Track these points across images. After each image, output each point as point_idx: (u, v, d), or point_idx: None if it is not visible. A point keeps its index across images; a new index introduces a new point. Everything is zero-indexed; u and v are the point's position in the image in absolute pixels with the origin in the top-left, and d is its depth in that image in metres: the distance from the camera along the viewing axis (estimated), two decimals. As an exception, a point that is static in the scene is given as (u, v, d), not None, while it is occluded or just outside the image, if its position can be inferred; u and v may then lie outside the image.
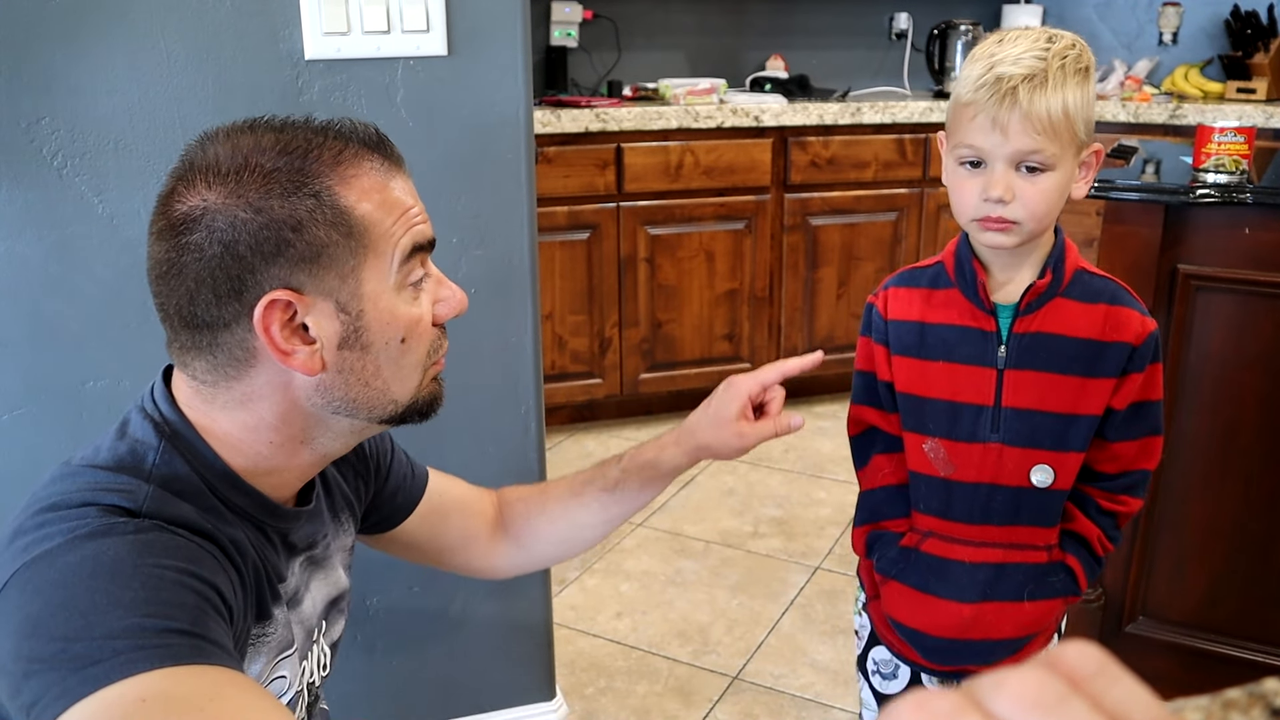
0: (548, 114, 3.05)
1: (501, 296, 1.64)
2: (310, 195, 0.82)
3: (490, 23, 1.53)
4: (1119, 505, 1.27)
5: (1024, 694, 0.26)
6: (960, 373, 1.23)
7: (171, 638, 0.70)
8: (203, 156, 0.84)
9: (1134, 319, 1.20)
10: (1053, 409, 1.20)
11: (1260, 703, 0.30)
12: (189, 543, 0.78)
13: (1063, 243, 1.21)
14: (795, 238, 3.42)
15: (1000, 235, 1.15)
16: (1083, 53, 1.14)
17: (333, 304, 0.84)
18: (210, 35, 1.41)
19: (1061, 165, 1.12)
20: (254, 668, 0.88)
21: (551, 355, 3.26)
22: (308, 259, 0.82)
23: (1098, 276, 1.23)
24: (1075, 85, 1.11)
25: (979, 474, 1.23)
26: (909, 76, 4.00)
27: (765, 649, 2.24)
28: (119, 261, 1.44)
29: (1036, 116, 1.09)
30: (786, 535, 2.73)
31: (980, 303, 1.21)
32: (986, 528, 1.25)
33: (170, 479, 0.83)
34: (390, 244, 0.85)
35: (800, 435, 3.38)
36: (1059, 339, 1.19)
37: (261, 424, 0.87)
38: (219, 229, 0.81)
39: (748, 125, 3.25)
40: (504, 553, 1.25)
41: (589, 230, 3.20)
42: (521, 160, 1.60)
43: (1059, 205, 1.15)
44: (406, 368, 0.89)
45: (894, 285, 1.29)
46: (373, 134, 0.88)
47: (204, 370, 0.86)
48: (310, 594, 0.99)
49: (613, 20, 3.64)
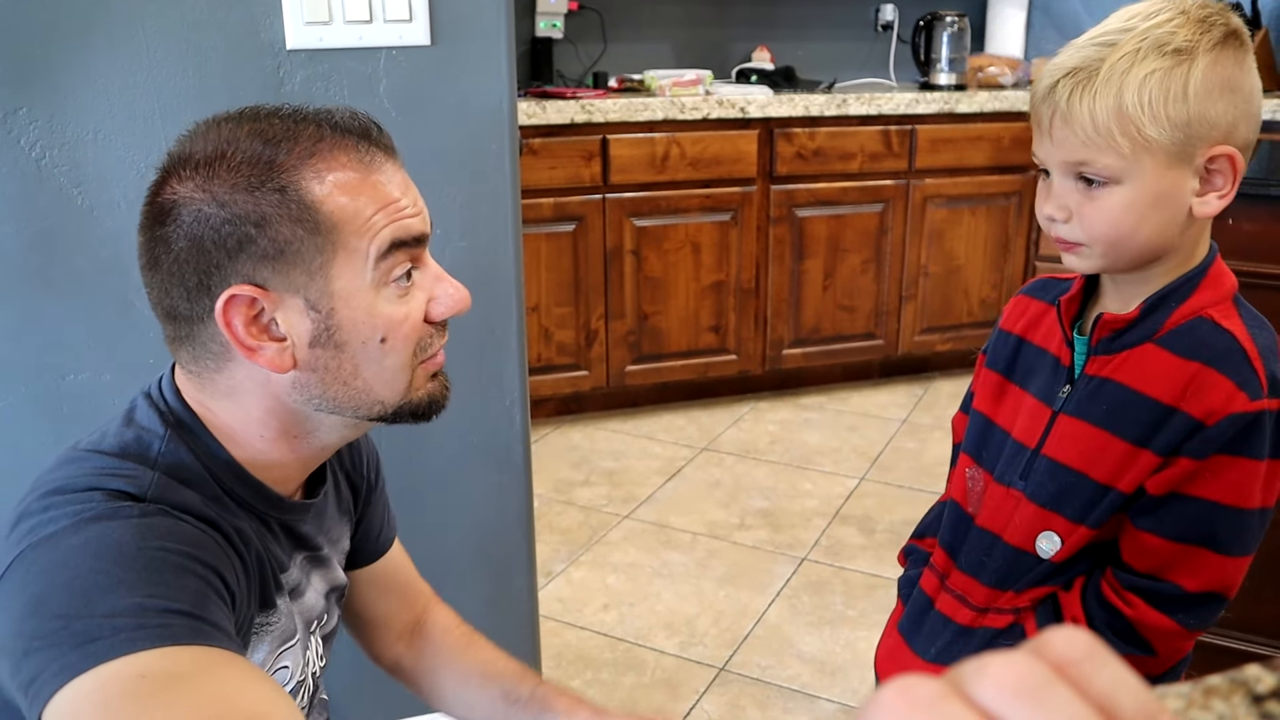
0: (533, 105, 3.04)
1: (486, 288, 1.63)
2: (276, 190, 0.80)
3: (473, 13, 1.52)
4: (1122, 604, 0.99)
5: (1008, 679, 0.25)
6: (1027, 404, 1.07)
7: (172, 618, 0.70)
8: (186, 146, 0.83)
9: (1221, 390, 0.92)
10: (1091, 473, 0.99)
11: (1242, 689, 0.30)
12: (193, 528, 0.79)
13: (1194, 275, 0.97)
14: (781, 229, 3.42)
15: (1072, 258, 0.98)
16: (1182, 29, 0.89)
17: (302, 301, 0.82)
18: (190, 25, 1.40)
19: (1133, 177, 0.91)
20: (257, 656, 0.88)
21: (537, 347, 3.25)
22: (271, 255, 0.80)
23: (1222, 330, 0.95)
24: (1152, 74, 0.88)
25: (990, 521, 1.08)
26: (895, 68, 4.00)
27: (752, 640, 2.24)
28: (99, 254, 1.42)
29: (1077, 121, 0.91)
30: (773, 527, 2.74)
31: (1064, 331, 1.04)
32: (973, 583, 1.10)
33: (175, 467, 0.83)
34: (365, 240, 0.82)
35: (787, 427, 3.38)
36: (1128, 392, 0.97)
37: (250, 418, 0.87)
38: (186, 223, 0.80)
39: (733, 117, 3.24)
40: (402, 656, 1.19)
41: (575, 222, 3.19)
42: (505, 151, 1.59)
43: (1141, 226, 0.93)
44: (390, 369, 0.86)
45: (1024, 292, 1.14)
46: (361, 124, 0.85)
47: (189, 361, 0.86)
48: (312, 586, 0.99)
49: (598, 11, 3.63)
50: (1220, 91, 0.90)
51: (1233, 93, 0.90)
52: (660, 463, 3.13)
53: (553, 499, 2.91)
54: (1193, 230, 0.96)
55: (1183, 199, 0.92)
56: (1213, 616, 0.99)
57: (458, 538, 1.74)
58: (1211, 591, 0.97)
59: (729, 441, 3.28)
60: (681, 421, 3.45)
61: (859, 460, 3.13)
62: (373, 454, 1.13)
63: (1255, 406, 0.92)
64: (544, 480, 3.00)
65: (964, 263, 3.66)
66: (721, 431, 3.36)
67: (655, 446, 3.25)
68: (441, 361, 0.92)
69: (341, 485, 1.06)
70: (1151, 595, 0.98)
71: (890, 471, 3.06)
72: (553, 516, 2.80)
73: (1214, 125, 0.90)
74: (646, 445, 3.26)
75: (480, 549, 1.76)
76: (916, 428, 3.38)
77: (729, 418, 3.47)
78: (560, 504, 2.88)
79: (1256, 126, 0.95)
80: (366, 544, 1.14)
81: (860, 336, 3.63)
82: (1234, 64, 0.91)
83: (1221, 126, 0.90)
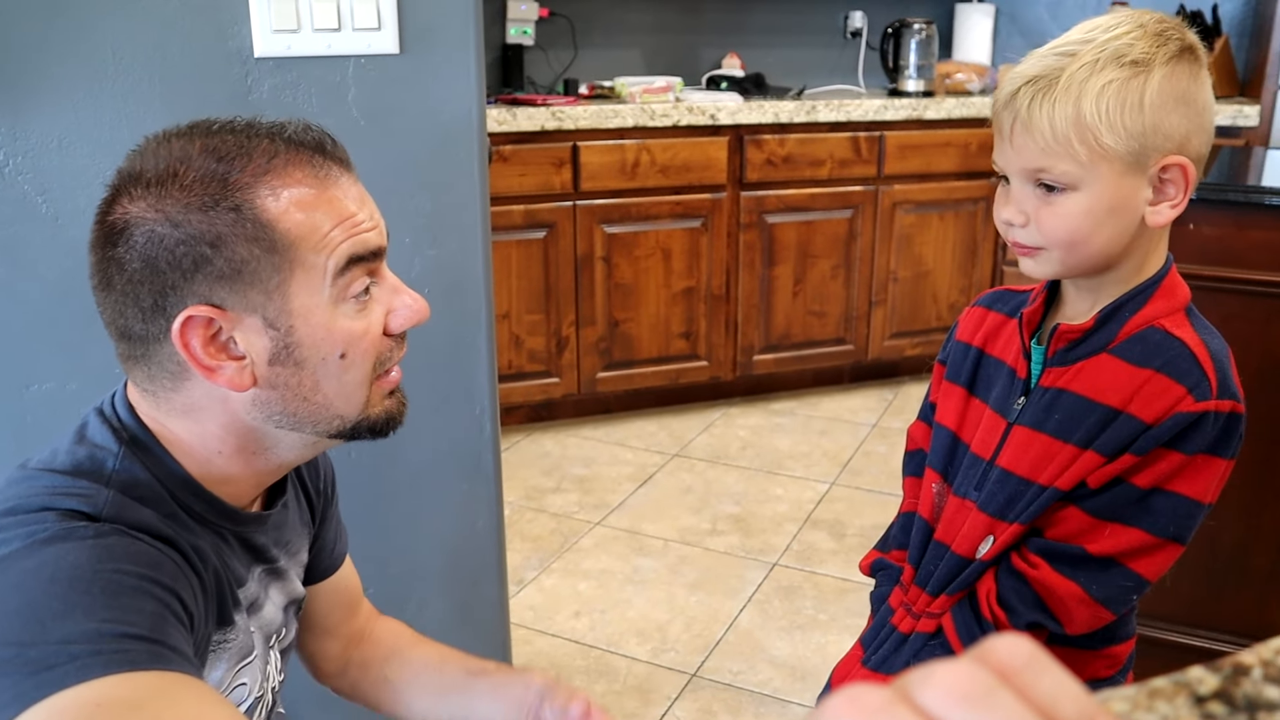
0: (503, 112, 3.04)
1: (455, 296, 1.63)
2: (230, 209, 0.78)
3: (442, 21, 1.52)
4: (1027, 566, 1.01)
5: (953, 686, 0.26)
6: (985, 417, 1.08)
7: (129, 643, 0.69)
8: (136, 163, 0.81)
9: (1171, 394, 0.94)
10: (1037, 479, 1.01)
11: (1185, 690, 0.31)
12: (150, 548, 0.77)
13: (1149, 286, 0.99)
14: (751, 235, 3.43)
15: (1029, 262, 0.99)
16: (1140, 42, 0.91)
17: (260, 320, 0.81)
18: (157, 32, 1.39)
19: (1090, 185, 0.93)
20: (215, 674, 0.87)
21: (508, 354, 3.25)
22: (227, 275, 0.79)
23: (1173, 338, 0.97)
24: (1110, 84, 0.91)
25: (944, 533, 1.09)
26: (864, 75, 4.03)
27: (723, 646, 2.25)
28: (63, 262, 1.41)
29: (1037, 128, 0.93)
30: (744, 532, 2.74)
31: (1023, 342, 1.05)
32: (919, 592, 1.11)
33: (130, 484, 0.81)
34: (323, 257, 0.81)
35: (758, 432, 3.39)
36: (1082, 401, 0.99)
37: (207, 434, 0.86)
38: (139, 243, 0.79)
39: (704, 123, 3.26)
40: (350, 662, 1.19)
41: (545, 229, 3.19)
42: (474, 159, 1.59)
43: (1097, 232, 0.95)
44: (350, 384, 0.86)
45: (980, 303, 1.15)
46: (314, 137, 0.84)
47: (144, 379, 0.85)
48: (271, 600, 0.98)
49: (569, 18, 3.63)
50: (1175, 103, 0.92)
51: (1187, 105, 0.93)
52: (632, 469, 3.13)
53: (524, 506, 2.90)
54: (1146, 238, 0.98)
55: (1137, 207, 0.95)
56: (1119, 591, 1.00)
57: (428, 547, 1.73)
58: (1111, 557, 0.98)
59: (700, 447, 3.29)
60: (653, 428, 3.45)
61: (829, 465, 3.15)
62: (328, 468, 1.12)
63: (1200, 407, 0.94)
64: (515, 488, 3.00)
65: (932, 267, 3.69)
66: (693, 437, 3.37)
67: (626, 453, 3.26)
68: (397, 379, 0.92)
69: (301, 498, 1.05)
70: (1055, 555, 1.00)
71: (860, 476, 3.08)
72: (524, 524, 2.79)
73: (1168, 136, 0.93)
74: (618, 452, 3.27)
75: (451, 557, 1.76)
76: (887, 432, 3.40)
77: (700, 424, 3.48)
78: (531, 511, 2.87)
79: (1209, 140, 0.97)
80: (322, 558, 1.13)
81: (830, 342, 3.65)
82: (1189, 77, 0.93)
83: (1175, 137, 0.93)
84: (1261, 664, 0.32)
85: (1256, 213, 1.75)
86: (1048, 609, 1.01)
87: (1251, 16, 3.82)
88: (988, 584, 1.05)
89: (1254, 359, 1.75)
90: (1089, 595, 0.99)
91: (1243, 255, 1.76)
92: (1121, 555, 0.98)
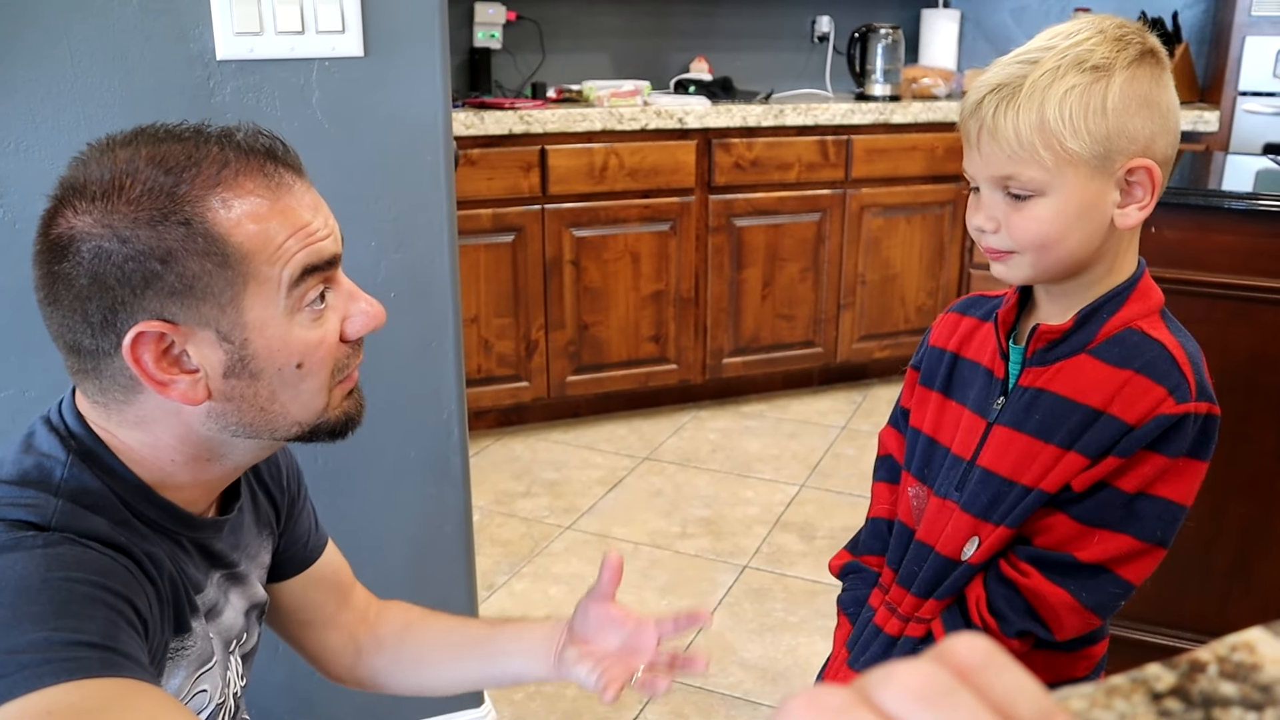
0: (471, 116, 3.03)
1: (421, 300, 1.62)
2: (180, 223, 0.76)
3: (407, 24, 1.51)
4: (1018, 575, 1.02)
5: (912, 686, 0.26)
6: (964, 418, 1.09)
7: (80, 650, 0.68)
8: (79, 174, 0.79)
9: (1153, 396, 0.95)
10: (1020, 479, 1.02)
11: (1142, 688, 0.31)
12: (101, 555, 0.76)
13: (1125, 289, 1.00)
14: (720, 239, 3.44)
15: (1001, 266, 1.00)
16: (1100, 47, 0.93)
17: (213, 333, 0.79)
18: (117, 34, 1.38)
19: (1057, 189, 0.94)
20: (174, 681, 0.86)
21: (477, 359, 3.24)
22: (179, 291, 0.77)
23: (1151, 340, 0.98)
24: (1073, 89, 0.92)
25: (927, 534, 1.10)
26: (831, 79, 4.05)
27: (694, 649, 2.25)
28: (21, 268, 1.38)
29: (1003, 135, 0.94)
30: (714, 535, 2.75)
31: (999, 343, 1.06)
32: (904, 593, 1.12)
33: (80, 492, 0.80)
34: (276, 268, 0.80)
35: (728, 435, 3.40)
36: (1062, 401, 1.00)
37: (160, 444, 0.84)
38: (85, 259, 0.76)
39: (672, 127, 3.26)
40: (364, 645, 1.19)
41: (514, 233, 3.19)
42: (440, 162, 1.58)
43: (1067, 235, 0.96)
44: (307, 392, 0.85)
45: (953, 309, 1.16)
46: (265, 143, 0.82)
47: (95, 392, 0.83)
48: (231, 605, 0.97)
49: (536, 22, 3.63)
50: (1138, 106, 0.93)
51: (1150, 108, 0.94)
52: (602, 473, 3.13)
53: (494, 511, 2.89)
54: (1116, 241, 0.99)
55: (1105, 210, 0.96)
56: (1109, 598, 1.00)
57: (396, 552, 1.72)
58: (1100, 564, 0.99)
59: (670, 451, 3.29)
60: (623, 431, 3.45)
61: (799, 467, 3.16)
62: (291, 465, 1.11)
63: (1181, 409, 0.95)
64: (485, 492, 2.99)
65: (900, 270, 3.71)
66: (663, 441, 3.37)
67: (597, 457, 3.25)
68: (356, 379, 0.91)
69: (260, 499, 1.04)
70: (1045, 563, 1.00)
71: (830, 478, 3.09)
72: (494, 529, 2.78)
73: (1132, 139, 0.94)
74: (588, 455, 3.26)
75: (419, 563, 1.75)
76: (855, 434, 3.42)
77: (670, 427, 3.48)
78: (502, 516, 2.86)
79: (1174, 141, 0.98)
80: (298, 552, 1.12)
81: (799, 344, 3.67)
82: (1151, 80, 0.94)
83: (1140, 140, 0.94)
84: (1217, 660, 0.32)
85: (1218, 216, 1.77)
86: (1039, 617, 1.02)
87: (1210, 24, 3.87)
88: (977, 590, 1.05)
89: (1216, 360, 1.77)
90: (1079, 603, 1.00)
91: (1205, 258, 1.78)
92: (1110, 562, 0.99)
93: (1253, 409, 1.80)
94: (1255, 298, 1.76)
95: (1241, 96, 3.51)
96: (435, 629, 1.18)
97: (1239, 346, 1.79)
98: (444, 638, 1.17)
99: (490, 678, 1.17)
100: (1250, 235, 1.75)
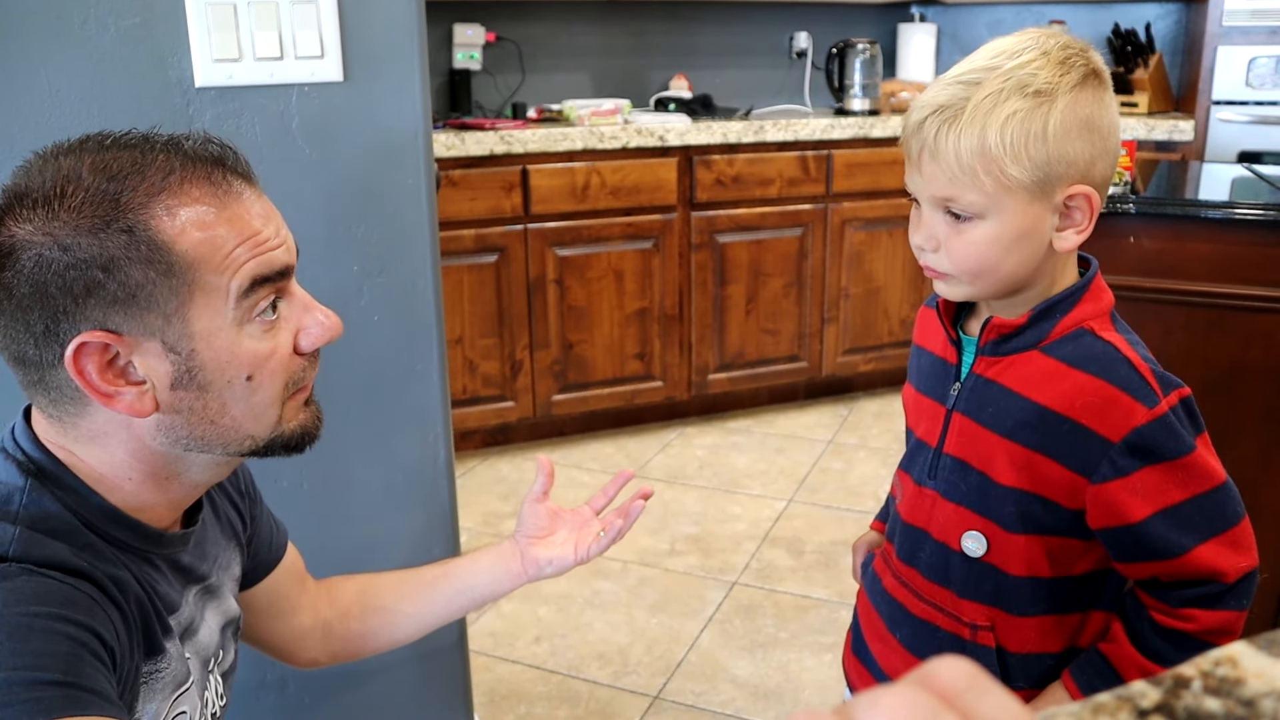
0: (452, 137, 3.04)
1: (405, 322, 1.62)
2: (123, 230, 0.75)
3: (386, 48, 1.51)
4: (1182, 621, 0.97)
5: (897, 712, 0.26)
6: (924, 405, 1.11)
7: (42, 690, 0.66)
8: (22, 182, 0.77)
9: (1119, 405, 0.94)
10: (994, 476, 1.01)
11: (1128, 705, 0.31)
12: (62, 585, 0.74)
13: (1075, 292, 1.00)
14: (703, 255, 3.45)
15: (941, 285, 1.02)
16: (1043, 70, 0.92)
17: (159, 344, 0.78)
18: (95, 64, 1.37)
19: (997, 214, 0.94)
20: (151, 706, 0.84)
21: (462, 379, 3.23)
22: (122, 300, 0.76)
23: (1104, 342, 0.98)
24: (1014, 115, 0.91)
25: (912, 516, 1.11)
26: (810, 94, 4.08)
27: (685, 667, 2.24)
28: None
29: (944, 158, 0.93)
30: (703, 552, 2.74)
31: (947, 331, 1.08)
32: (913, 572, 1.11)
33: (39, 518, 0.78)
34: (224, 278, 0.78)
35: (715, 451, 3.40)
36: (1014, 398, 1.00)
37: (116, 460, 0.83)
38: (27, 268, 0.75)
39: (653, 145, 3.27)
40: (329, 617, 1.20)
41: (497, 253, 3.19)
42: (422, 185, 1.58)
43: (1005, 259, 0.96)
44: (259, 405, 0.83)
45: (926, 303, 1.16)
46: (214, 151, 0.81)
47: (47, 405, 0.82)
48: (206, 622, 0.96)
49: (515, 42, 3.64)
50: (1079, 131, 0.93)
51: (1091, 131, 0.94)
52: (589, 492, 3.12)
53: (482, 532, 2.88)
54: (1054, 261, 1.00)
55: (1043, 234, 0.96)
56: (1252, 587, 0.99)
57: (383, 576, 1.71)
58: (1243, 570, 0.97)
59: (657, 468, 3.29)
60: (609, 449, 3.45)
61: (786, 482, 3.16)
62: (244, 468, 1.10)
63: (1156, 413, 0.94)
64: (472, 513, 2.98)
65: (883, 284, 3.73)
66: (650, 458, 3.36)
67: (584, 475, 3.25)
68: (309, 390, 0.89)
69: (223, 507, 1.03)
70: (1199, 600, 0.97)
71: (817, 492, 3.09)
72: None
73: (1072, 164, 0.93)
74: (575, 474, 3.26)
75: (407, 586, 1.74)
76: (842, 448, 3.42)
77: (657, 444, 3.48)
78: (489, 537, 2.85)
79: (1114, 162, 0.99)
80: (263, 553, 1.12)
81: (784, 359, 3.67)
82: (1093, 103, 0.94)
83: (1080, 165, 0.94)
84: (1201, 675, 0.33)
85: (1195, 225, 1.79)
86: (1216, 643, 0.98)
87: (1183, 34, 3.92)
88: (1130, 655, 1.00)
89: (1196, 368, 1.79)
90: (1242, 609, 0.98)
91: (1182, 267, 1.80)
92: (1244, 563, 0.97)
93: (1233, 417, 1.81)
94: (1234, 305, 1.77)
95: (1215, 105, 3.54)
96: (390, 583, 1.22)
97: (1218, 355, 1.80)
98: (402, 588, 1.21)
99: (460, 608, 1.22)
100: (1228, 244, 1.77)
